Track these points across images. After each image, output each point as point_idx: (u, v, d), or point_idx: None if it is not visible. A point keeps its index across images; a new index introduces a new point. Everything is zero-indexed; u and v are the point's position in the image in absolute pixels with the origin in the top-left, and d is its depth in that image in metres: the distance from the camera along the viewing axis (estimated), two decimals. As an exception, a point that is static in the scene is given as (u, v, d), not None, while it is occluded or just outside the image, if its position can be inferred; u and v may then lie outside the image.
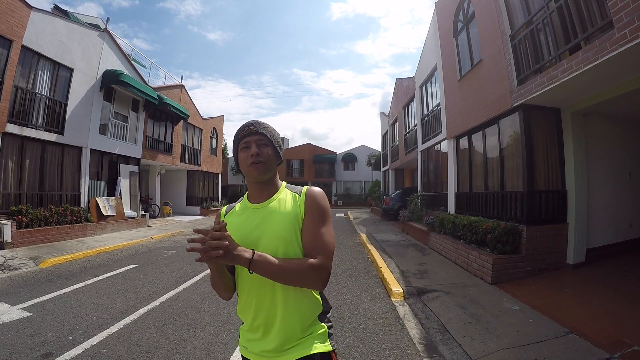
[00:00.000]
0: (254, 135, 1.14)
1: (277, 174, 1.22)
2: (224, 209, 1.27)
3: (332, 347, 1.13)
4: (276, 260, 1.01)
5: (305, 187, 1.18)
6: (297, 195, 1.16)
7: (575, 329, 3.11)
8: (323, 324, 1.15)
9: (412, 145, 14.07)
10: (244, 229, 1.12)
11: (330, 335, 1.16)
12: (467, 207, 7.52)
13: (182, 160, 17.27)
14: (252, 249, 1.01)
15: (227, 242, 0.93)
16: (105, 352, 2.91)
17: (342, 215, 19.93)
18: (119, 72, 11.03)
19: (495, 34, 6.01)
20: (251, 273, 1.01)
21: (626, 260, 5.43)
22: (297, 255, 1.08)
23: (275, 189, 1.18)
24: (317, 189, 1.17)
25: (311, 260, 1.04)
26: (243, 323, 1.17)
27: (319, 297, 1.16)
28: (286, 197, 1.16)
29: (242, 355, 1.18)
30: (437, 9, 9.70)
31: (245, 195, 1.24)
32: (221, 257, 0.93)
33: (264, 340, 1.09)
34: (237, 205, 1.24)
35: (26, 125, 8.39)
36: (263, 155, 1.12)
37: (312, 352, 1.07)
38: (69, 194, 9.73)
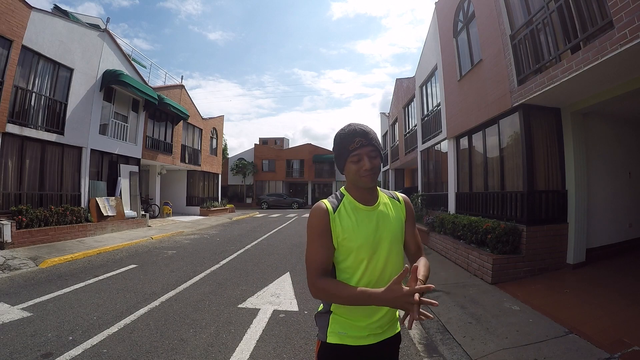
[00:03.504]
0: (365, 147, 1.18)
1: None
2: (329, 205, 1.21)
3: None
4: (422, 268, 1.18)
5: (400, 195, 1.37)
6: (396, 201, 1.33)
7: (575, 329, 3.11)
8: None
9: (412, 145, 14.08)
10: (366, 230, 1.19)
11: None
12: (467, 207, 7.52)
13: (182, 160, 17.27)
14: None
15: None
16: (106, 352, 2.91)
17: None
18: (119, 72, 11.04)
19: (495, 34, 6.01)
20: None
21: (626, 260, 5.43)
22: (400, 252, 1.28)
23: (377, 192, 1.29)
24: (406, 197, 1.38)
25: (425, 257, 1.30)
26: (331, 313, 1.21)
27: None
28: (387, 201, 1.30)
29: (333, 344, 1.18)
30: (437, 9, 9.70)
31: (346, 195, 1.26)
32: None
33: (374, 315, 1.20)
34: (343, 204, 1.23)
35: (26, 125, 8.40)
36: (375, 168, 1.19)
37: (398, 330, 1.31)
38: (69, 194, 9.73)
